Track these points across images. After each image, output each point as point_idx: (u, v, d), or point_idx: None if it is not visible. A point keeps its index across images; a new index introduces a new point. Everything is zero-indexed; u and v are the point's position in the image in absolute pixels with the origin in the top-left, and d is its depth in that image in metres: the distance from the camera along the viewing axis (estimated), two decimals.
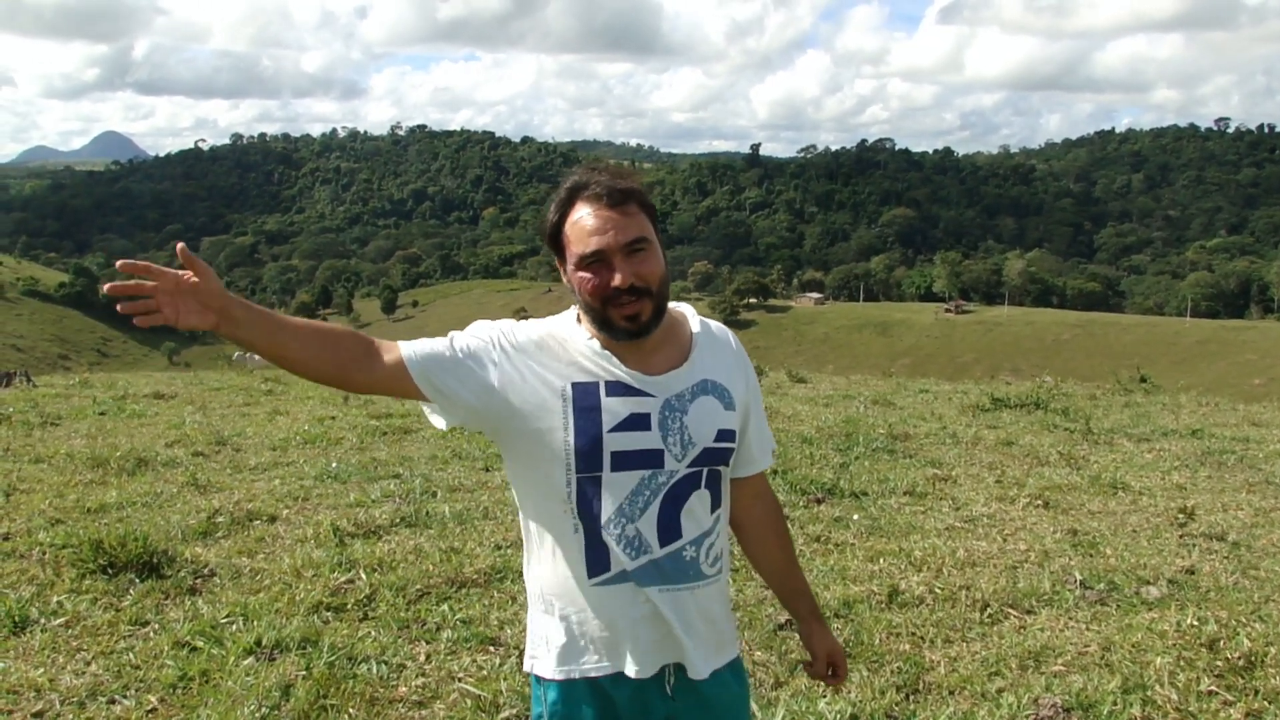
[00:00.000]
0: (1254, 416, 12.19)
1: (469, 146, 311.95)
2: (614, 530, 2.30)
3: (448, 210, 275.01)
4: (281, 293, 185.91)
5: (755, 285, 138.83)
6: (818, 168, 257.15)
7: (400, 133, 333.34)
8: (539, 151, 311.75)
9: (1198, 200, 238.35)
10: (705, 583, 2.40)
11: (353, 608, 5.19)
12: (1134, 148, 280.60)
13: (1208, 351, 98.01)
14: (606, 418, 2.28)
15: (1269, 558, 6.14)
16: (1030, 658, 4.63)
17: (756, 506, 2.61)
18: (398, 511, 6.94)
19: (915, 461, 8.82)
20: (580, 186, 2.30)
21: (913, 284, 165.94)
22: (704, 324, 2.49)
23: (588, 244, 2.26)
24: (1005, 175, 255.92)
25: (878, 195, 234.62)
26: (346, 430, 10.25)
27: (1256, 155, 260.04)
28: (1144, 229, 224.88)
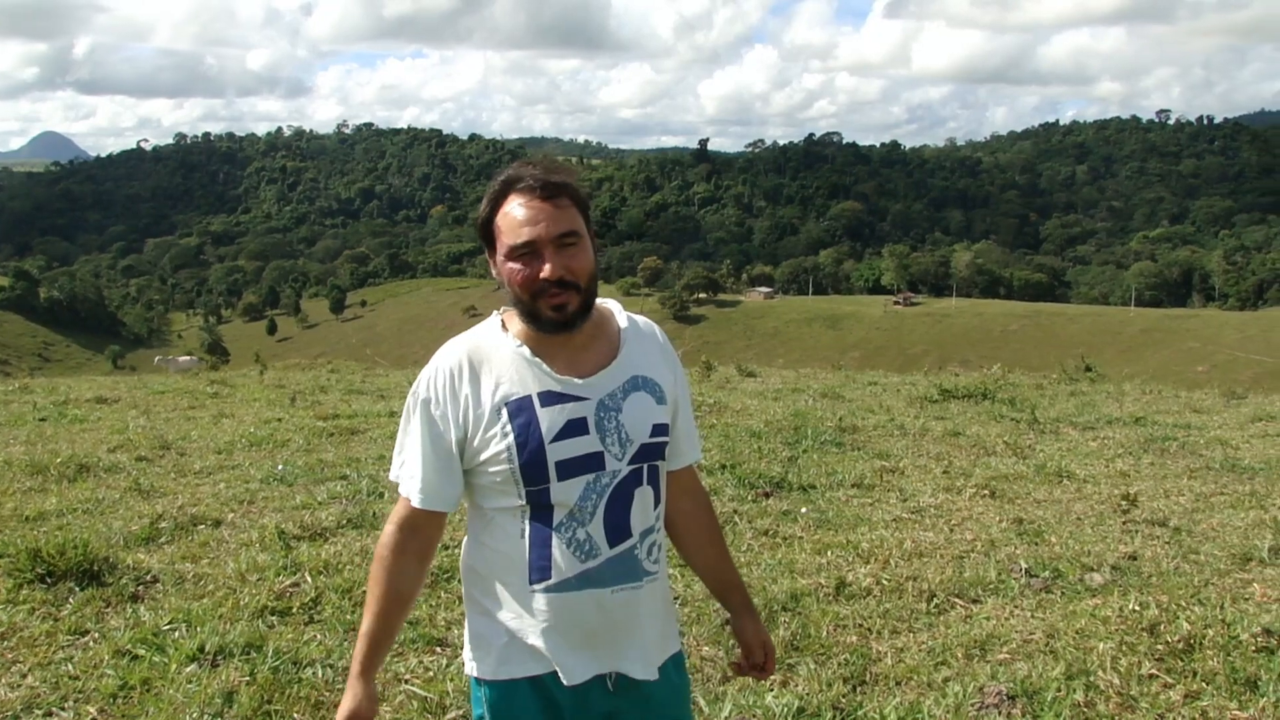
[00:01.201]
0: (1195, 403, 12.36)
1: (416, 144, 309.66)
2: (564, 535, 2.31)
3: (395, 209, 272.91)
4: (228, 294, 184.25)
5: (705, 280, 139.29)
6: (766, 162, 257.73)
7: (347, 131, 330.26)
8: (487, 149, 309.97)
9: (1140, 191, 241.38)
10: (650, 579, 2.42)
11: (298, 611, 5.14)
12: (1078, 140, 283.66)
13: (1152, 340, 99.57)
14: (545, 429, 2.29)
15: (1209, 542, 6.23)
16: (976, 646, 4.66)
17: (686, 500, 2.62)
18: (344, 513, 6.88)
19: (863, 454, 8.86)
20: (514, 179, 2.31)
21: (861, 277, 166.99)
22: (630, 319, 2.49)
23: (519, 234, 2.27)
24: (952, 168, 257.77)
25: (826, 189, 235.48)
26: (293, 432, 10.15)
27: (1196, 146, 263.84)
28: (1088, 220, 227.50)
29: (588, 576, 2.32)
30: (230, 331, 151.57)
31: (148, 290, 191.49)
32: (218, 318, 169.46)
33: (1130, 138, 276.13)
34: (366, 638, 2.39)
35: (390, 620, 2.41)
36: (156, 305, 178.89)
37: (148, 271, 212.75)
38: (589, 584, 2.33)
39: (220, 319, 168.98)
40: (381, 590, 2.38)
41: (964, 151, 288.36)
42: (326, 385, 14.91)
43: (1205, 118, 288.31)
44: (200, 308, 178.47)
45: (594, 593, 2.33)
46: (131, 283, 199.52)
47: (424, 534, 2.41)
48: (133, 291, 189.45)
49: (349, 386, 14.76)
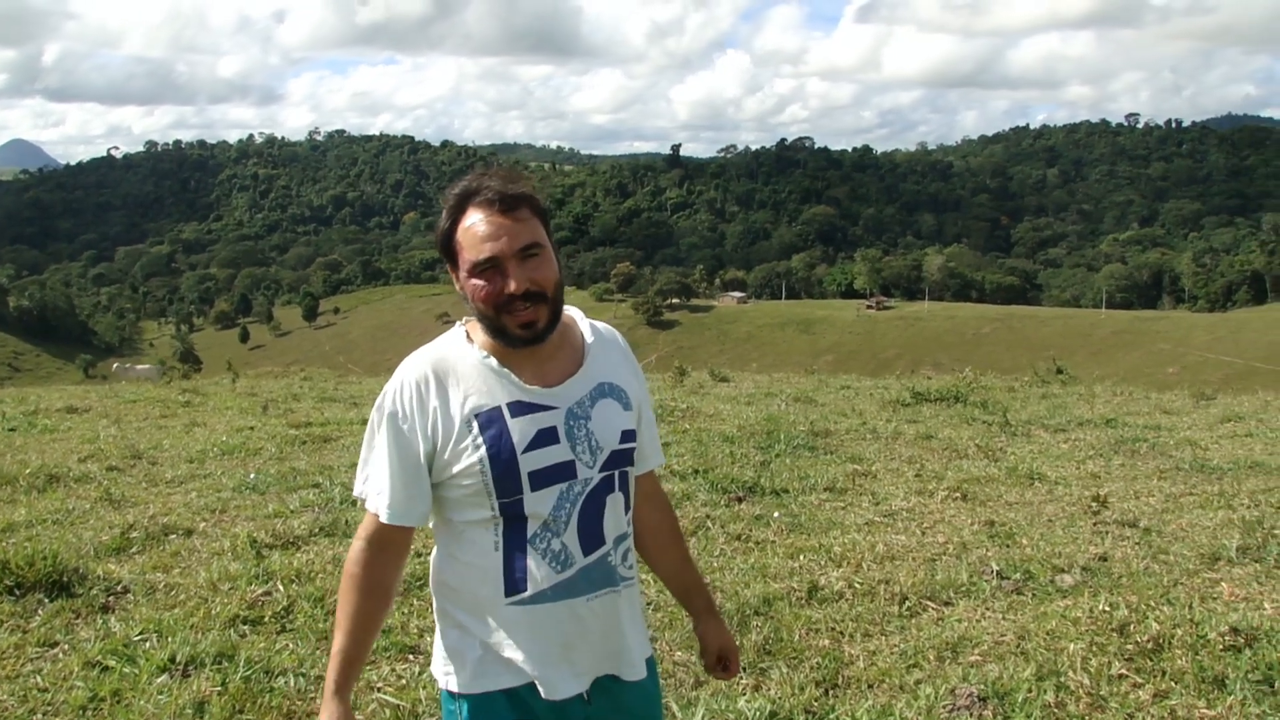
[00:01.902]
0: (1165, 405, 12.47)
1: (388, 151, 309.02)
2: (539, 546, 2.30)
3: (368, 216, 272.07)
4: (200, 302, 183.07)
5: (678, 285, 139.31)
6: (738, 167, 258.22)
7: (319, 138, 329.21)
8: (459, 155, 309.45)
9: (1110, 194, 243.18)
10: (625, 585, 2.42)
11: (270, 620, 5.11)
12: (1048, 143, 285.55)
13: (1123, 342, 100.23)
14: (517, 440, 2.27)
15: (1178, 542, 6.28)
16: (948, 649, 4.68)
17: (648, 505, 2.62)
18: (316, 521, 6.85)
19: (836, 458, 8.89)
20: (471, 192, 2.29)
21: (834, 281, 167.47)
22: (593, 326, 2.49)
23: (481, 250, 2.25)
24: (923, 172, 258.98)
25: (798, 194, 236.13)
26: (266, 440, 10.10)
27: (1165, 150, 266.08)
28: (1059, 223, 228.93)
29: (564, 586, 2.31)
30: (202, 340, 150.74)
31: (119, 299, 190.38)
32: (190, 326, 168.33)
33: (1100, 141, 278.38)
34: (340, 655, 2.36)
35: (363, 637, 2.38)
36: (128, 314, 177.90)
37: (119, 280, 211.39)
38: (565, 594, 2.32)
39: (192, 327, 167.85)
40: (352, 608, 2.36)
41: (935, 155, 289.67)
42: (299, 393, 14.86)
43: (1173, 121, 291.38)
44: (172, 316, 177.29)
45: (570, 602, 2.32)
46: (102, 291, 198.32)
47: (393, 549, 2.39)
48: (104, 300, 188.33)
49: (322, 394, 14.70)
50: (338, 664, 2.35)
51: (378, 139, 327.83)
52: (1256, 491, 7.51)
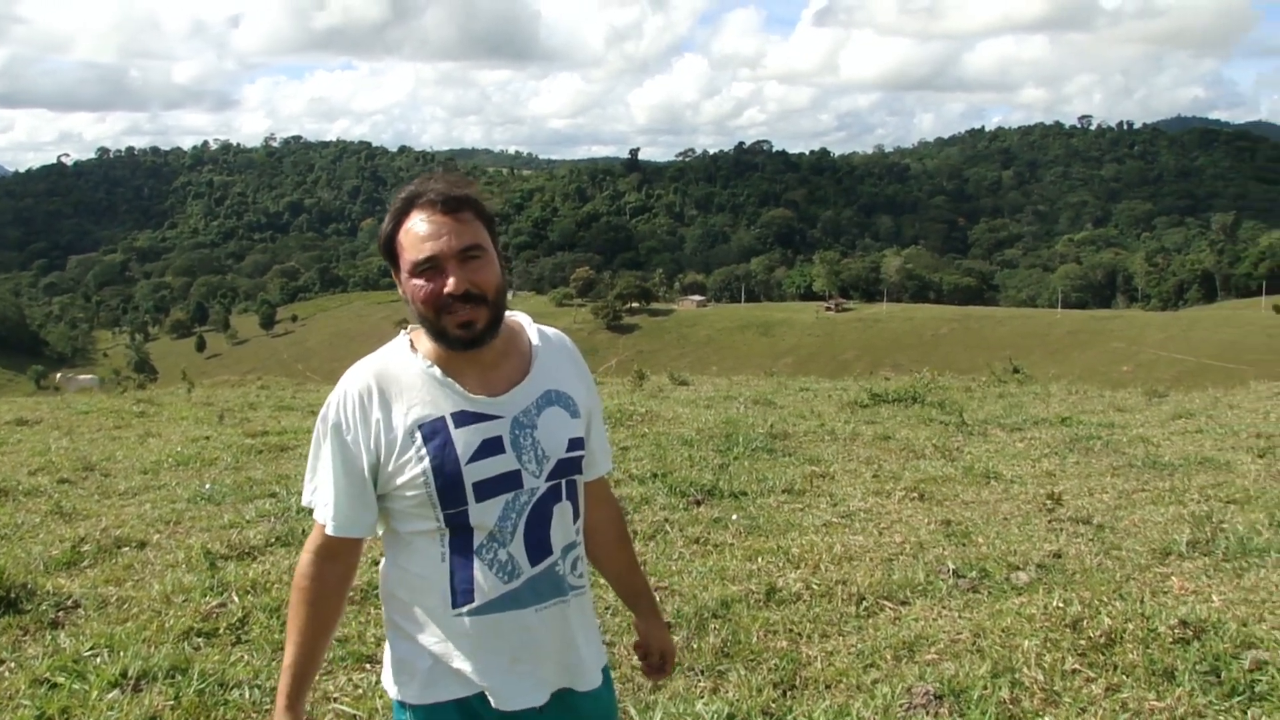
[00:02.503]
0: (1119, 402, 12.60)
1: (345, 157, 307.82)
2: (485, 556, 2.28)
3: (325, 222, 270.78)
4: (155, 311, 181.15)
5: (637, 289, 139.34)
6: (696, 171, 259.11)
7: (275, 144, 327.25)
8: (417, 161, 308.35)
9: (1065, 195, 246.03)
10: (575, 594, 2.41)
11: (225, 632, 5.07)
12: (1003, 145, 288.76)
13: (1078, 341, 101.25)
14: (461, 450, 2.26)
15: (1130, 538, 6.35)
16: (905, 648, 4.71)
17: (599, 510, 2.62)
18: (273, 531, 6.80)
19: (794, 459, 8.92)
20: (415, 195, 2.29)
21: (793, 284, 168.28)
22: (541, 332, 2.48)
23: (421, 250, 2.24)
24: (881, 174, 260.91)
25: (756, 197, 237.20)
26: (221, 450, 10.02)
27: (1118, 151, 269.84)
28: (1015, 224, 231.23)
29: (511, 597, 2.30)
30: (158, 349, 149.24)
31: (71, 308, 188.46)
32: (145, 335, 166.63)
33: (1054, 143, 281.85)
34: (291, 669, 2.35)
35: (314, 650, 2.37)
36: (81, 324, 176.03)
37: (71, 289, 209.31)
38: (513, 604, 2.30)
39: (147, 336, 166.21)
40: (302, 621, 2.35)
41: (892, 158, 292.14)
42: (256, 402, 14.76)
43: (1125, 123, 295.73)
44: (126, 325, 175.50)
45: (519, 613, 2.31)
46: (54, 301, 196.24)
47: (342, 561, 2.37)
48: (56, 310, 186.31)
49: (279, 403, 14.61)
50: (289, 677, 2.34)
51: (335, 145, 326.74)
52: (1206, 486, 7.61)
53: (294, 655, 2.35)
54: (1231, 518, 6.62)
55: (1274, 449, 8.85)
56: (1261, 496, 7.27)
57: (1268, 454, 8.68)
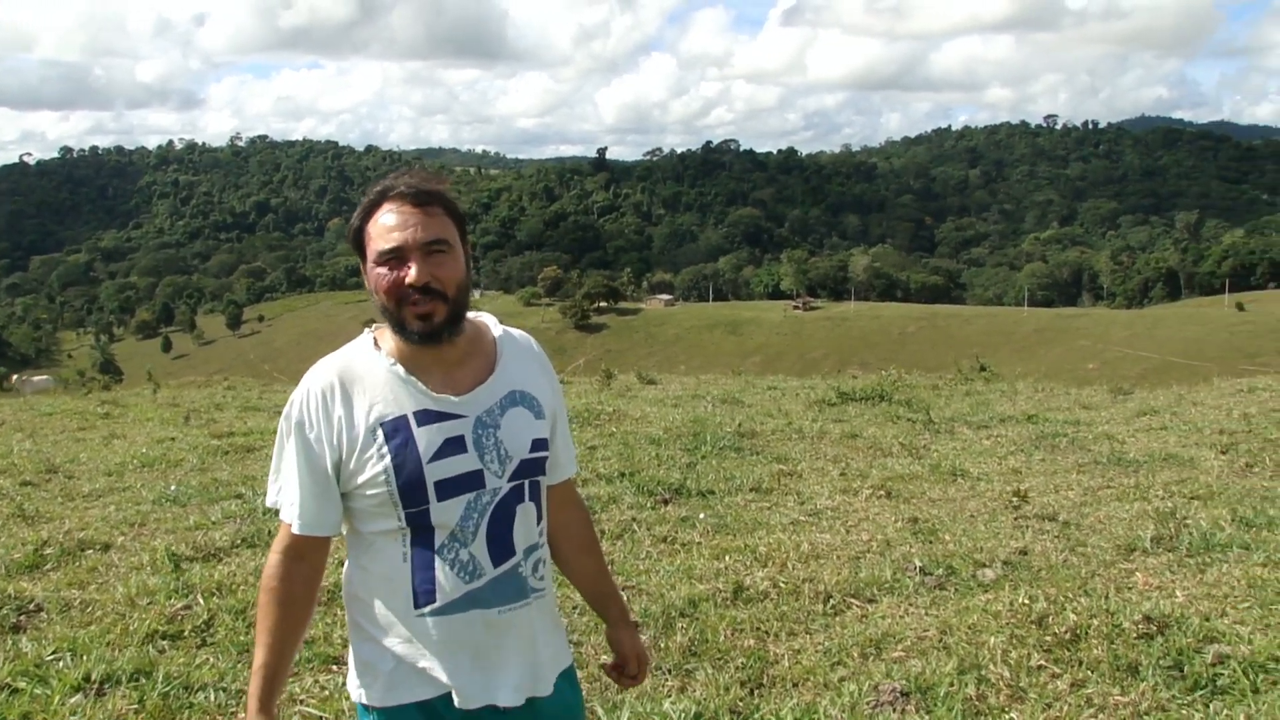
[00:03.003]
0: (1084, 400, 12.69)
1: (312, 156, 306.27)
2: (447, 556, 2.28)
3: (292, 222, 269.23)
4: (120, 311, 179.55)
5: (605, 289, 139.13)
6: (664, 170, 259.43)
7: (241, 143, 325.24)
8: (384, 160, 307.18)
9: (1030, 194, 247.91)
10: (537, 596, 2.40)
11: (190, 634, 5.02)
12: (970, 144, 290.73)
13: (1044, 339, 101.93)
14: (423, 449, 2.25)
15: (1095, 534, 6.40)
16: (871, 645, 4.72)
17: (565, 513, 2.60)
18: (239, 532, 6.75)
19: (762, 458, 8.94)
20: (387, 189, 2.29)
21: (761, 283, 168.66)
22: (506, 332, 2.47)
23: (388, 239, 2.24)
24: (848, 174, 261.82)
25: (724, 196, 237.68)
26: (187, 451, 9.95)
27: (1083, 150, 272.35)
28: (981, 222, 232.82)
29: (473, 597, 2.29)
30: (123, 350, 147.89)
31: (34, 309, 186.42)
32: (110, 336, 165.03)
33: (1020, 142, 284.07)
34: (261, 671, 2.32)
35: (284, 651, 2.35)
36: (44, 325, 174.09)
37: (34, 290, 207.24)
38: (475, 604, 2.29)
39: (113, 337, 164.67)
40: (272, 621, 2.33)
41: (859, 157, 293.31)
42: (222, 403, 14.65)
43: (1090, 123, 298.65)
44: (91, 326, 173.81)
45: (481, 613, 2.30)
46: (17, 301, 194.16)
47: (309, 560, 2.36)
48: (19, 310, 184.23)
49: (245, 403, 14.52)
50: (260, 679, 2.32)
51: (301, 144, 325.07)
52: (1170, 483, 7.68)
53: (264, 656, 2.33)
54: (1195, 514, 6.68)
55: (1236, 445, 8.94)
56: (1224, 492, 7.34)
57: (1230, 450, 8.77)
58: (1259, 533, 6.21)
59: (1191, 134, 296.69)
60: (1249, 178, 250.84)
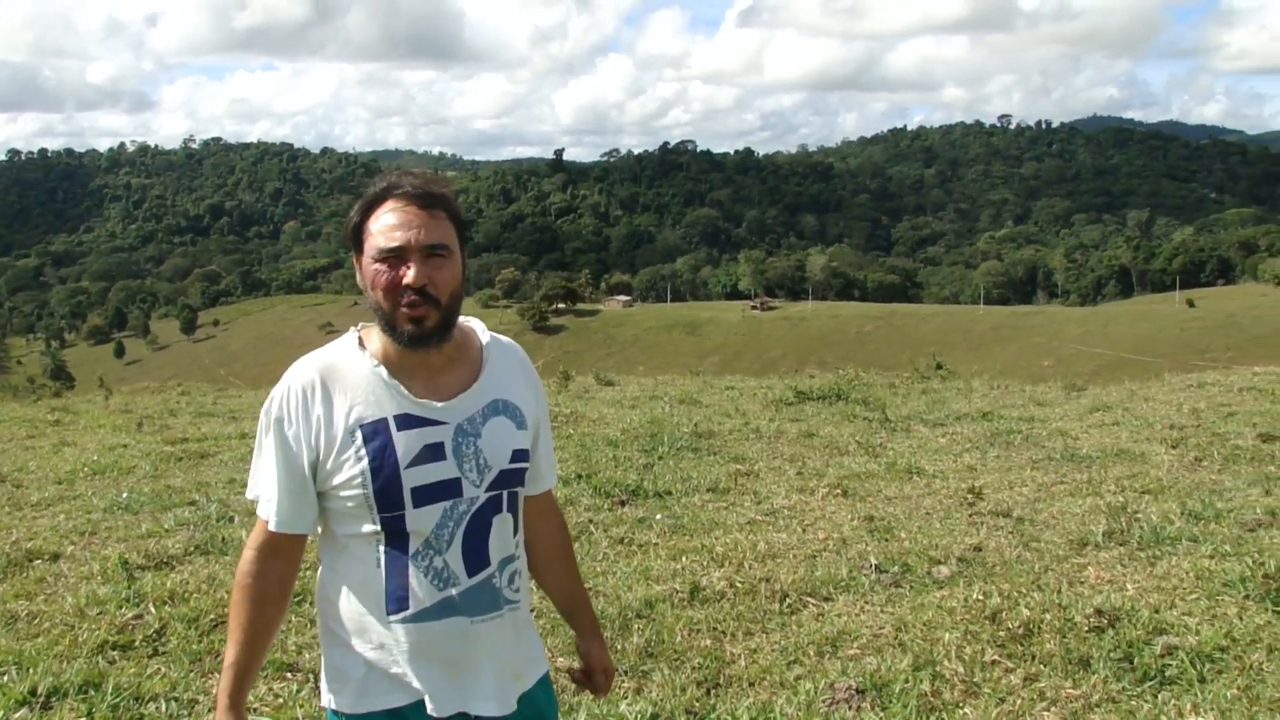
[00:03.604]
0: (1039, 397, 12.80)
1: (267, 159, 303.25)
2: (421, 564, 2.26)
3: (246, 225, 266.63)
4: (71, 317, 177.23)
5: (563, 290, 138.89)
6: (621, 171, 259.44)
7: (194, 146, 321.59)
8: (340, 162, 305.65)
9: (985, 193, 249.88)
10: (511, 608, 2.38)
11: (141, 644, 4.96)
12: (925, 144, 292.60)
13: (1000, 337, 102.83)
14: (401, 454, 2.24)
15: (1049, 530, 6.47)
16: (827, 644, 4.75)
17: (542, 524, 2.60)
18: (192, 540, 6.67)
19: (719, 458, 8.96)
20: (392, 186, 2.27)
21: (719, 283, 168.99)
22: (494, 339, 2.47)
23: (390, 238, 2.22)
24: (805, 174, 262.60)
25: (681, 197, 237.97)
26: (140, 458, 9.82)
27: (1036, 150, 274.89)
28: (937, 221, 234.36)
29: (447, 605, 2.28)
30: (75, 356, 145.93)
31: None
32: (61, 342, 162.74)
33: (975, 142, 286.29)
34: (232, 668, 2.30)
35: (255, 648, 2.33)
36: None
37: None
38: (449, 613, 2.28)
39: (64, 343, 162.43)
40: (244, 619, 2.30)
41: (816, 157, 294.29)
42: (176, 408, 14.49)
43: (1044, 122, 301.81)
44: (41, 332, 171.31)
45: (455, 621, 2.28)
46: None
47: (285, 557, 2.33)
48: None
49: (200, 409, 14.36)
50: (230, 677, 2.31)
51: (256, 146, 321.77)
52: (1122, 478, 7.77)
53: (235, 654, 2.31)
54: (1146, 508, 6.77)
55: (1186, 440, 9.06)
56: (1174, 486, 7.44)
57: (1180, 445, 8.89)
58: (1207, 525, 6.31)
59: (1142, 133, 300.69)
60: (1197, 176, 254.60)
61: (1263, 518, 6.40)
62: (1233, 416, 10.17)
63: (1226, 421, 9.92)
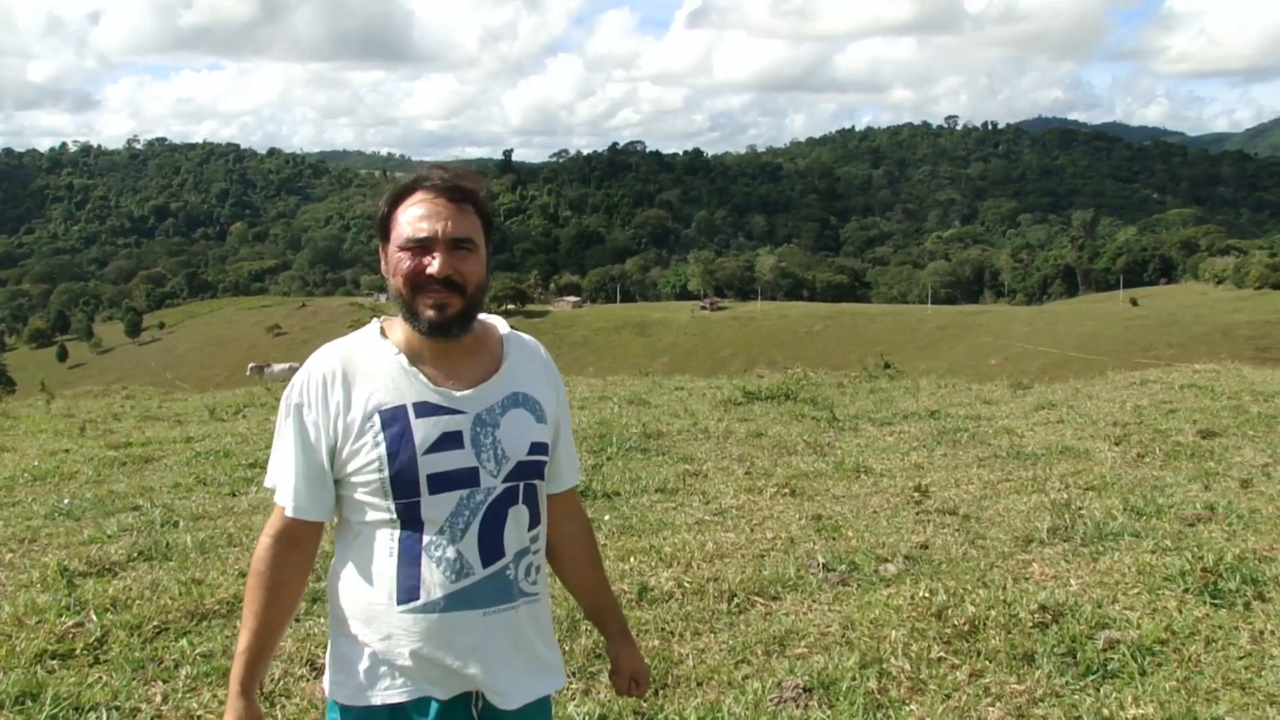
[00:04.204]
0: (985, 395, 12.92)
1: (213, 159, 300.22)
2: (435, 553, 2.26)
3: (192, 226, 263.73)
4: (12, 320, 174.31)
5: (512, 291, 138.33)
6: (570, 172, 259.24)
7: (139, 146, 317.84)
8: (287, 163, 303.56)
9: (933, 193, 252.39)
10: (526, 601, 2.37)
11: (82, 653, 4.86)
12: (873, 144, 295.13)
13: (948, 336, 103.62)
14: (419, 441, 2.25)
15: (995, 527, 6.53)
16: (775, 643, 4.76)
17: (568, 524, 2.59)
18: (135, 545, 6.57)
19: (668, 459, 8.97)
20: (422, 178, 2.31)
21: (668, 284, 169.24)
22: (515, 335, 2.49)
23: (418, 228, 2.25)
24: (754, 174, 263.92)
25: (630, 197, 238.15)
26: (82, 463, 9.67)
27: (983, 150, 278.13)
28: (885, 222, 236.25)
29: (460, 596, 2.27)
30: (16, 360, 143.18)
31: None
32: (1, 345, 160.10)
33: (922, 142, 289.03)
34: (245, 654, 2.31)
35: (268, 636, 2.33)
36: None
37: None
38: (461, 604, 2.27)
39: (4, 346, 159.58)
40: (259, 606, 2.31)
41: (765, 158, 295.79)
42: (120, 412, 14.31)
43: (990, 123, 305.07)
44: None
45: (466, 614, 2.28)
46: None
47: (302, 545, 2.34)
48: None
49: (145, 412, 14.19)
50: (243, 663, 2.31)
51: (201, 147, 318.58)
52: (1066, 475, 7.87)
53: (249, 641, 2.31)
54: (1089, 504, 6.87)
55: (1129, 437, 9.20)
56: (1117, 482, 7.55)
57: (1123, 441, 9.02)
58: (1149, 521, 6.41)
59: (1086, 135, 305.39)
60: (1139, 177, 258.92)
61: (1202, 512, 6.51)
62: (1174, 413, 10.33)
63: (1168, 418, 10.08)
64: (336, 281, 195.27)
